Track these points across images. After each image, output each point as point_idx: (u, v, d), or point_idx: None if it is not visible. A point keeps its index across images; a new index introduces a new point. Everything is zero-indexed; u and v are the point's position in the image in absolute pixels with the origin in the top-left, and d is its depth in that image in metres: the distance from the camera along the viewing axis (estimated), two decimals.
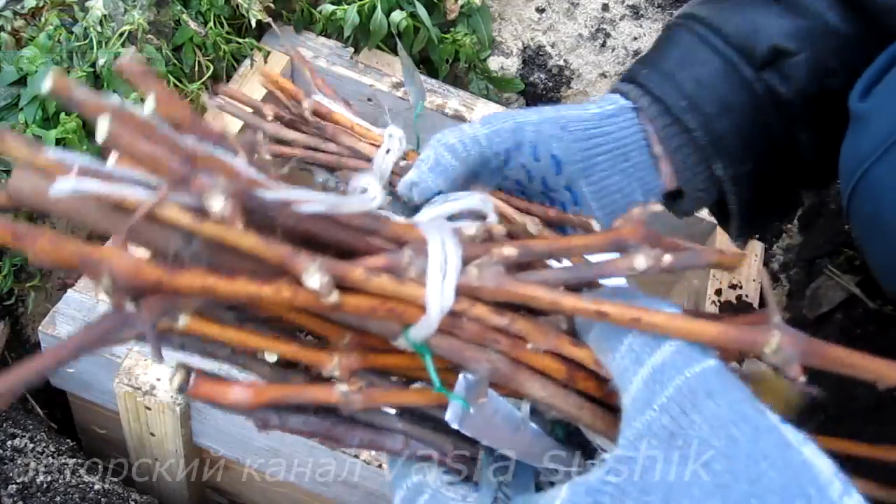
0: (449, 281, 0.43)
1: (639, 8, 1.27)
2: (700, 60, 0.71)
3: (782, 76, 0.71)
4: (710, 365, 0.45)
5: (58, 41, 1.01)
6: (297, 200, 0.41)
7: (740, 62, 0.71)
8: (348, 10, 1.18)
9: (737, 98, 0.70)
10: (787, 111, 0.72)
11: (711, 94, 0.70)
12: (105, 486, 0.88)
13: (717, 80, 0.70)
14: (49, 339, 0.90)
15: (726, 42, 0.71)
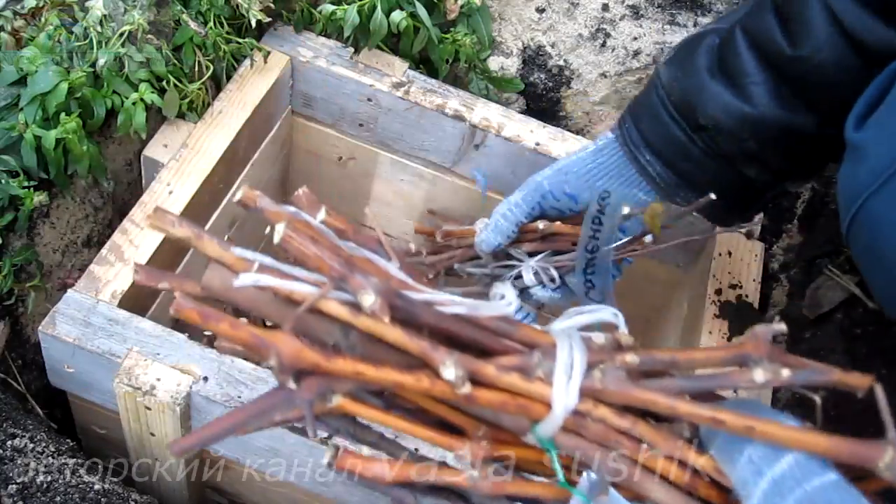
0: (574, 382, 0.47)
1: (639, 8, 1.27)
2: (662, 120, 0.92)
3: (713, 140, 0.89)
4: (830, 479, 0.47)
5: (58, 41, 1.01)
6: (441, 302, 0.48)
7: (683, 126, 0.91)
8: (348, 10, 1.18)
9: (690, 148, 0.91)
10: (728, 159, 0.89)
11: (672, 146, 0.91)
12: (105, 486, 0.88)
13: (673, 133, 0.91)
14: (49, 339, 0.90)
15: (674, 107, 0.91)
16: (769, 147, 0.87)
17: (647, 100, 0.94)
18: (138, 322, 0.91)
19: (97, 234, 1.09)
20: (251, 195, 0.48)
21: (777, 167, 0.90)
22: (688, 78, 0.90)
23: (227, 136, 1.11)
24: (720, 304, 1.11)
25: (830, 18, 0.79)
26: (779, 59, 0.83)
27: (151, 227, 0.48)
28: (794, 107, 0.84)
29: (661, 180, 0.94)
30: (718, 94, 0.87)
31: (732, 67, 0.87)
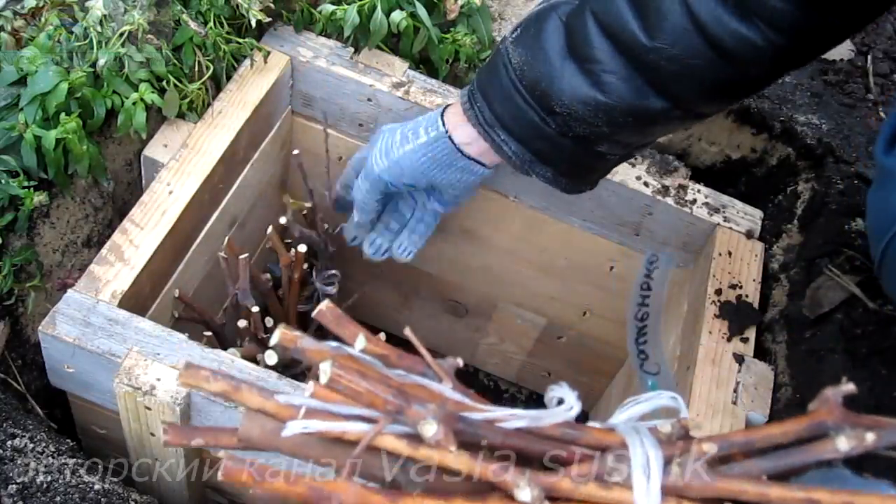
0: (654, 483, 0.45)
1: None
2: (515, 103, 0.92)
3: (566, 124, 0.90)
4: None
5: (58, 41, 1.01)
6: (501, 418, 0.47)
7: (537, 110, 0.91)
8: (348, 10, 1.18)
9: (545, 129, 0.92)
10: (582, 139, 0.91)
11: (526, 126, 0.93)
12: (105, 486, 0.88)
13: (527, 116, 0.92)
14: (49, 339, 0.90)
15: (527, 91, 0.91)
16: (622, 129, 0.89)
17: (498, 80, 0.94)
18: (138, 322, 0.91)
19: (97, 234, 1.09)
20: (290, 337, 0.46)
21: (629, 143, 0.93)
22: (539, 64, 0.90)
23: (227, 136, 1.11)
24: (720, 304, 1.11)
25: (686, 11, 0.79)
26: (633, 47, 0.83)
27: (184, 384, 0.46)
28: (646, 94, 0.85)
29: (516, 157, 0.96)
30: (572, 82, 0.87)
31: (585, 54, 0.87)
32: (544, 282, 1.42)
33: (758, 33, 0.77)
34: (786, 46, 0.78)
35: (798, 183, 1.25)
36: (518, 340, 1.58)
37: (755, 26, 0.77)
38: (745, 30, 0.78)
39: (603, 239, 1.29)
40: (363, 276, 1.55)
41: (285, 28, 1.23)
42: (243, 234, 1.27)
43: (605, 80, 0.86)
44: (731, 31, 0.78)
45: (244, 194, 1.23)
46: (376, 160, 1.07)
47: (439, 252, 1.42)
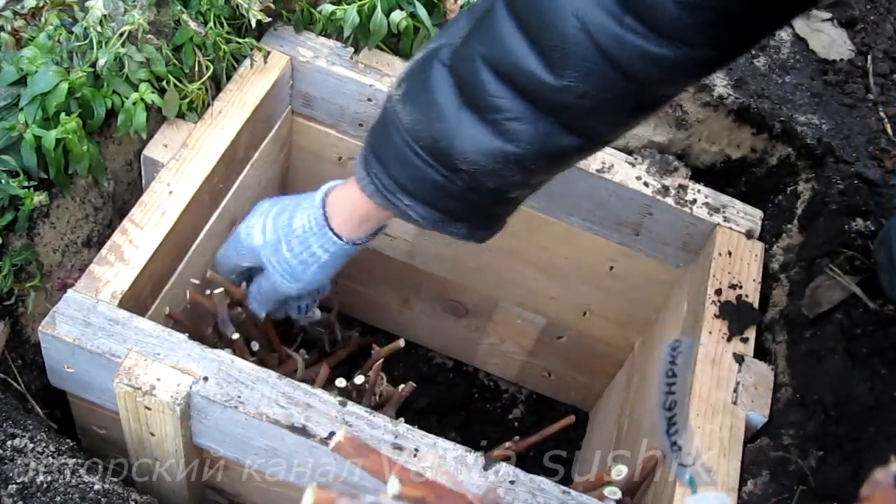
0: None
1: None
2: (414, 164, 0.85)
3: (475, 180, 0.83)
4: None
5: (58, 41, 1.01)
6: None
7: (439, 169, 0.84)
8: (348, 10, 1.18)
9: (451, 188, 0.85)
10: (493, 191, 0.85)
11: (430, 188, 0.86)
12: (105, 486, 0.88)
13: (429, 177, 0.85)
14: (49, 339, 0.90)
15: (425, 151, 0.83)
16: (535, 173, 0.84)
17: (390, 143, 0.86)
18: (138, 322, 0.91)
19: (97, 234, 1.09)
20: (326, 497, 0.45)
21: (539, 182, 0.88)
22: (433, 122, 0.82)
23: (227, 136, 1.11)
24: (720, 304, 1.11)
25: (589, 40, 0.72)
26: (537, 89, 0.76)
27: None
28: (557, 134, 0.79)
29: (424, 221, 0.89)
30: (473, 135, 0.80)
31: (482, 103, 0.79)
32: (544, 282, 1.42)
33: (670, 50, 0.71)
34: (703, 57, 0.72)
35: (798, 183, 1.25)
36: (518, 340, 1.58)
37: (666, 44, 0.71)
38: (656, 48, 0.71)
39: (603, 239, 1.29)
40: (363, 277, 1.55)
41: (285, 28, 1.23)
42: None
43: (509, 129, 0.79)
44: (641, 53, 0.71)
45: (244, 194, 1.23)
46: (286, 284, 1.05)
47: (439, 252, 1.42)
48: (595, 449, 1.47)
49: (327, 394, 0.90)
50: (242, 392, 0.88)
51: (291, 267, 1.04)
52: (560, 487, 0.89)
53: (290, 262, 1.03)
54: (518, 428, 1.64)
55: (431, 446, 0.89)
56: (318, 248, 1.02)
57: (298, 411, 0.88)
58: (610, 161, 1.21)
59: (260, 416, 0.87)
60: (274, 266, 1.05)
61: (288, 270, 1.04)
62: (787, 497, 0.94)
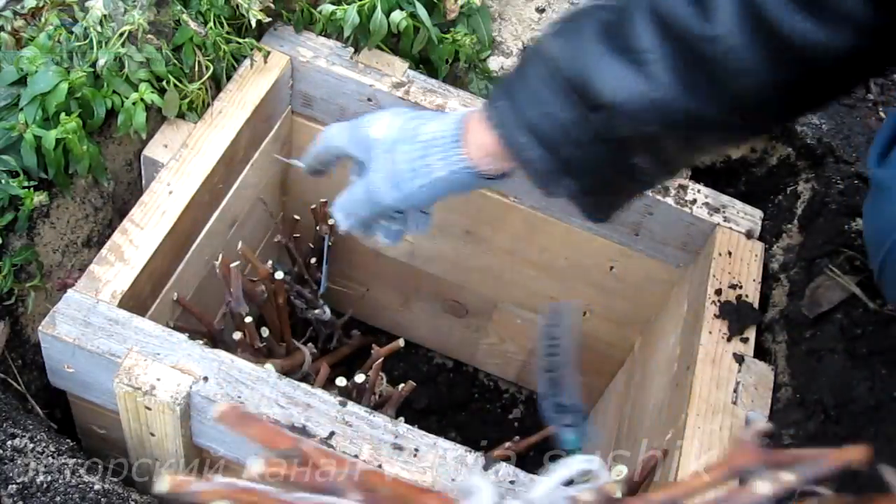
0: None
1: None
2: (547, 99, 0.80)
3: (609, 122, 0.78)
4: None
5: (58, 41, 1.01)
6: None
7: (577, 103, 0.79)
8: (348, 10, 1.18)
9: (579, 131, 0.79)
10: (620, 144, 0.80)
11: (557, 128, 0.80)
12: (105, 486, 0.88)
13: (560, 116, 0.79)
14: (49, 339, 0.90)
15: (568, 83, 0.79)
16: (670, 132, 0.80)
17: (525, 79, 0.83)
18: (138, 322, 0.91)
19: (97, 234, 1.09)
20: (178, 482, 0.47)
21: (668, 157, 0.83)
22: (579, 53, 0.80)
23: (227, 136, 1.11)
24: (720, 304, 1.11)
25: (749, 2, 0.71)
26: (684, 35, 0.75)
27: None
28: (699, 92, 0.76)
29: (539, 165, 0.84)
30: (618, 73, 0.78)
31: (630, 42, 0.78)
32: (544, 282, 1.42)
33: (829, 31, 0.69)
34: (856, 48, 0.70)
35: (798, 183, 1.25)
36: (518, 340, 1.58)
37: (828, 23, 0.69)
38: (815, 26, 0.69)
39: (603, 239, 1.29)
40: (364, 277, 1.55)
41: (285, 28, 1.23)
42: (243, 234, 1.27)
43: (651, 70, 0.76)
44: (799, 26, 0.69)
45: (244, 194, 1.23)
46: (384, 190, 0.91)
47: (439, 252, 1.42)
48: (595, 449, 1.47)
49: (327, 394, 0.90)
50: (242, 392, 0.88)
51: (399, 172, 0.91)
52: None
53: (400, 165, 0.91)
54: (518, 428, 1.64)
55: (431, 446, 0.89)
56: (438, 159, 0.90)
57: (298, 411, 0.88)
58: None
59: (260, 416, 0.87)
60: (381, 164, 0.91)
61: (393, 174, 0.91)
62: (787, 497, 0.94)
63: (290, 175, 1.39)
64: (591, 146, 0.81)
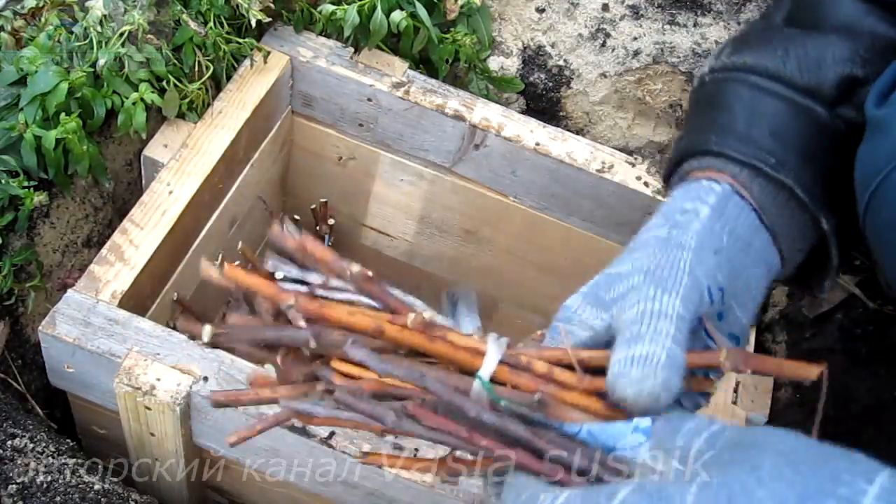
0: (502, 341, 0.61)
1: (639, 8, 1.27)
2: (769, 113, 0.65)
3: (858, 107, 0.65)
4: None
5: (58, 41, 1.01)
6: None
7: (812, 104, 0.65)
8: (348, 10, 1.18)
9: (817, 144, 0.65)
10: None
11: (791, 145, 0.65)
12: (105, 486, 0.88)
13: (793, 128, 0.65)
14: (49, 339, 0.90)
15: (790, 86, 0.65)
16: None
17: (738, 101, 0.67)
18: (138, 322, 0.91)
19: (97, 234, 1.09)
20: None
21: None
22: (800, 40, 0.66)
23: (227, 136, 1.11)
24: None
25: None
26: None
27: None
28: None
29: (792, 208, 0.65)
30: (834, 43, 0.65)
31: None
32: (544, 282, 1.42)
33: None
34: None
35: None
36: (518, 340, 1.58)
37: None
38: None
39: (603, 239, 1.29)
40: None
41: (285, 28, 1.23)
42: (243, 234, 1.27)
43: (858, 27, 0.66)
44: None
45: (244, 194, 1.23)
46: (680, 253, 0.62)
47: (439, 252, 1.42)
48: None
49: None
50: None
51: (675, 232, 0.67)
52: None
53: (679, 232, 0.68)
54: None
55: (432, 446, 0.89)
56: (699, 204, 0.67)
57: None
58: (610, 161, 1.21)
59: (260, 417, 0.87)
60: None
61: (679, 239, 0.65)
62: None
63: (290, 175, 1.39)
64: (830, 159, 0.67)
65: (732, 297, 0.63)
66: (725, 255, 0.62)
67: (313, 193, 1.38)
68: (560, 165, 1.18)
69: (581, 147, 1.19)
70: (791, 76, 0.66)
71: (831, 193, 0.65)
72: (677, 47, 1.27)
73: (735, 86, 0.67)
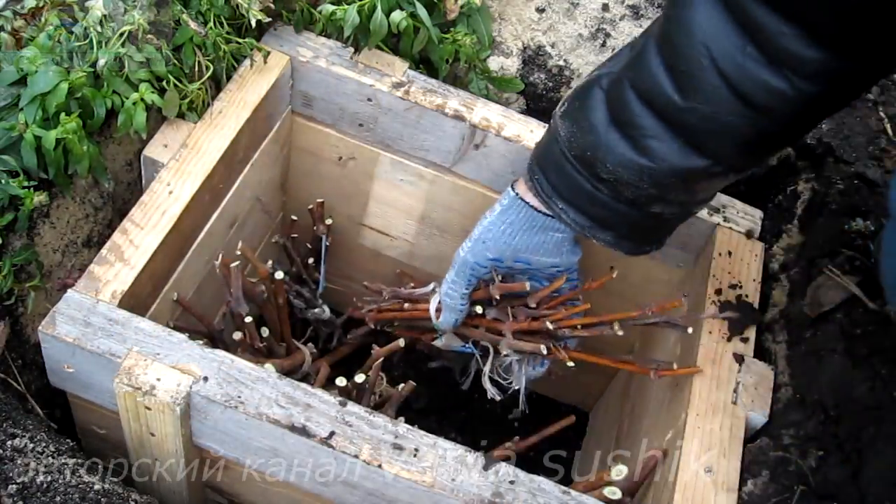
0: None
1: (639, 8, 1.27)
2: (567, 172, 0.97)
3: (616, 189, 0.94)
4: None
5: (58, 41, 1.01)
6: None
7: (587, 177, 0.96)
8: (348, 10, 1.18)
9: (598, 195, 0.96)
10: (633, 202, 0.95)
11: (580, 194, 0.97)
12: (105, 486, 0.88)
13: (579, 184, 0.97)
14: (49, 339, 0.90)
15: (576, 160, 0.96)
16: (668, 189, 0.92)
17: (551, 152, 0.99)
18: (138, 322, 0.91)
19: (97, 234, 1.09)
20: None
21: (680, 201, 0.96)
22: (584, 135, 0.94)
23: (227, 136, 1.11)
24: (720, 304, 1.11)
25: (714, 67, 0.81)
26: (669, 110, 0.87)
27: None
28: (687, 154, 0.88)
29: (576, 224, 1.00)
30: (615, 149, 0.91)
31: (626, 121, 0.91)
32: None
33: (786, 82, 0.78)
34: (816, 94, 0.79)
35: (798, 183, 1.25)
36: None
37: (783, 76, 0.78)
38: (773, 80, 0.79)
39: None
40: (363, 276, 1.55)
41: (285, 28, 1.23)
42: (243, 234, 1.27)
43: (646, 145, 0.89)
44: (759, 82, 0.79)
45: (244, 194, 1.23)
46: (462, 247, 1.10)
47: (439, 252, 1.42)
48: (595, 449, 1.46)
49: (327, 394, 0.90)
50: (242, 392, 0.88)
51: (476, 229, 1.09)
52: (560, 487, 0.89)
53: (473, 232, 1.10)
54: (518, 428, 1.64)
55: (431, 446, 0.89)
56: (497, 203, 1.08)
57: (298, 411, 0.88)
58: None
59: (260, 416, 0.87)
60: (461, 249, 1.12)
61: (474, 234, 1.10)
62: (787, 497, 0.94)
63: (290, 175, 1.39)
64: (611, 205, 0.96)
65: (525, 269, 1.12)
66: (501, 238, 1.07)
67: (313, 193, 1.38)
68: None
69: None
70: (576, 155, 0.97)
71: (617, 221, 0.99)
72: None
73: (552, 146, 1.00)
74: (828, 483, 0.93)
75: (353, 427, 0.88)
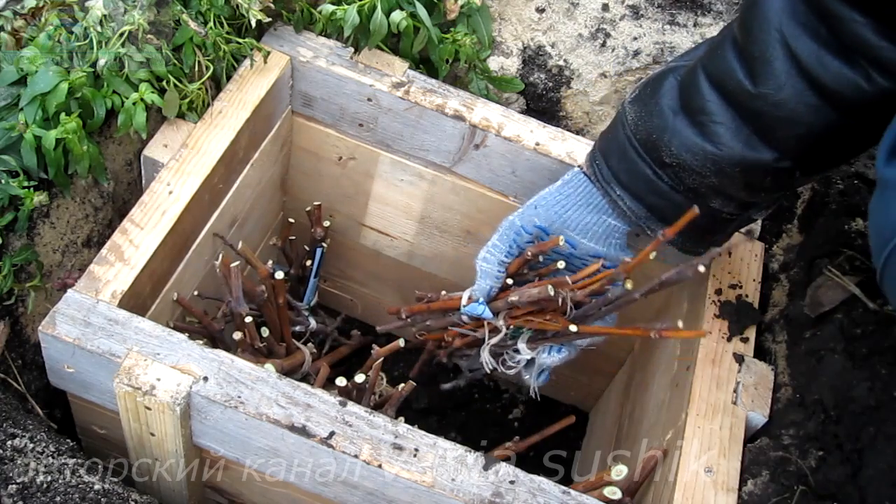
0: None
1: (639, 8, 1.27)
2: (629, 157, 0.97)
3: (677, 176, 0.94)
4: None
5: (58, 41, 1.01)
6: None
7: (649, 162, 0.96)
8: (348, 10, 1.18)
9: (657, 183, 0.96)
10: (693, 192, 0.95)
11: (640, 181, 0.97)
12: (105, 486, 0.88)
13: (640, 170, 0.97)
14: (49, 339, 0.90)
15: (640, 144, 0.96)
16: (731, 181, 0.92)
17: (615, 137, 0.99)
18: (138, 322, 0.91)
19: (97, 234, 1.09)
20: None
21: (738, 199, 0.95)
22: (652, 118, 0.94)
23: (227, 136, 1.11)
24: (720, 303, 1.11)
25: (789, 55, 0.82)
26: (740, 96, 0.87)
27: None
28: (753, 144, 0.88)
29: (630, 213, 1.00)
30: (682, 134, 0.92)
31: (696, 107, 0.91)
32: None
33: (862, 75, 0.78)
34: (890, 91, 0.79)
35: None
36: None
37: (860, 68, 0.78)
38: (849, 71, 0.79)
39: None
40: (364, 277, 1.55)
41: (285, 28, 1.23)
42: (243, 234, 1.27)
43: (713, 131, 0.89)
44: (835, 72, 0.79)
45: (244, 194, 1.23)
46: (515, 212, 1.08)
47: (439, 252, 1.42)
48: (595, 449, 1.47)
49: (327, 394, 0.90)
50: (242, 392, 0.88)
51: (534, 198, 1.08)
52: (560, 487, 0.89)
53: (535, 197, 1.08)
54: (518, 428, 1.64)
55: (431, 446, 0.89)
56: (560, 178, 1.07)
57: (298, 411, 0.88)
58: None
59: (260, 416, 0.87)
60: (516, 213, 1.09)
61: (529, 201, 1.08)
62: (787, 497, 0.94)
63: (290, 175, 1.39)
64: (669, 195, 0.96)
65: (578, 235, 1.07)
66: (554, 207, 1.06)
67: (313, 193, 1.38)
68: (560, 165, 1.18)
69: (581, 147, 1.19)
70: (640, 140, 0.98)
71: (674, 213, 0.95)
72: (677, 47, 1.27)
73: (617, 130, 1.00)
74: (828, 483, 0.92)
75: (353, 427, 0.88)
